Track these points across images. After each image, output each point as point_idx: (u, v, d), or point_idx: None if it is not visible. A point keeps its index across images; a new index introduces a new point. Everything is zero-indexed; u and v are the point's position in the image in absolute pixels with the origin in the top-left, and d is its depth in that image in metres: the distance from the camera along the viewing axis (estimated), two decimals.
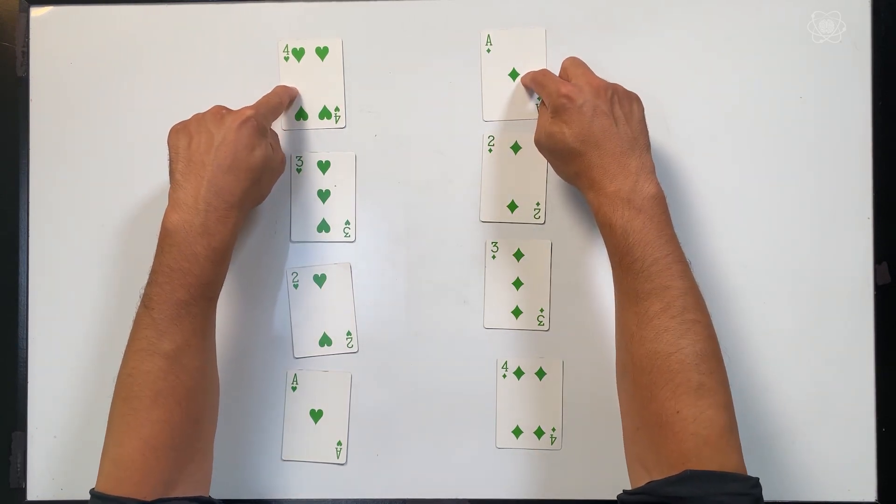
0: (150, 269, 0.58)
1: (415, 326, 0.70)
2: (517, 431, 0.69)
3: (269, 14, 0.71)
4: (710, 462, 0.52)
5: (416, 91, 0.71)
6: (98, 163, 0.71)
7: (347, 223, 0.71)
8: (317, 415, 0.70)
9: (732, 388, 0.56)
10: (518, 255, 0.70)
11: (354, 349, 0.70)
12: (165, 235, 0.58)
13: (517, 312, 0.70)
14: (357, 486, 0.70)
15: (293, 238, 0.71)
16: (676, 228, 0.59)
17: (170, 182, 0.60)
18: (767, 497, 0.52)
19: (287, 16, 0.71)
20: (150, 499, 0.54)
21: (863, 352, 0.69)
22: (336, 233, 0.71)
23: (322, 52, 0.71)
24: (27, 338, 0.71)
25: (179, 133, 0.60)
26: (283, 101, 0.68)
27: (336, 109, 0.71)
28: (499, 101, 0.70)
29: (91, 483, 0.56)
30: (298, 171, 0.71)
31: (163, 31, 0.71)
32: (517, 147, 0.70)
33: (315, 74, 0.71)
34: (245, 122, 0.60)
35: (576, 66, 0.64)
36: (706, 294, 0.58)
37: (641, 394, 0.55)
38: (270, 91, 0.68)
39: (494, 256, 0.70)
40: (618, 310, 0.60)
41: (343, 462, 0.70)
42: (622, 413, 0.60)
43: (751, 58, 0.70)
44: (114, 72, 0.71)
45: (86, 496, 0.55)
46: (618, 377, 0.60)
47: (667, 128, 0.70)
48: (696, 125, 0.70)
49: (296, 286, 0.70)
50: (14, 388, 0.70)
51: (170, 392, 0.56)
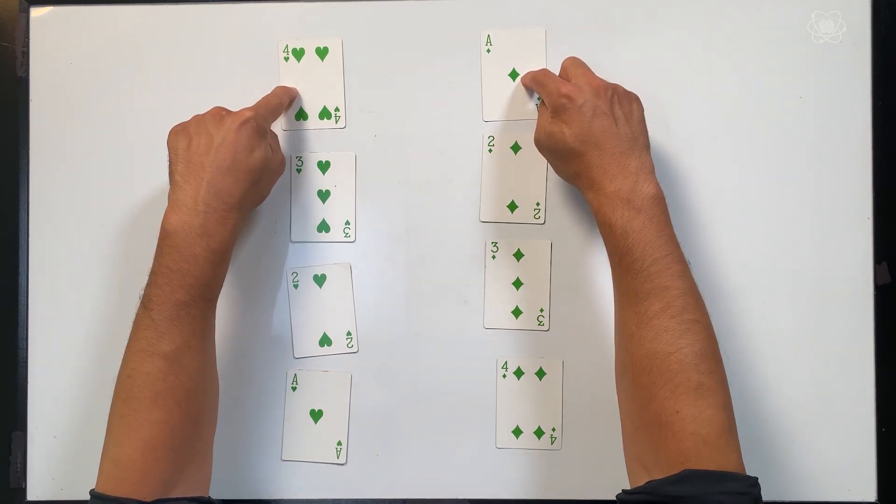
0: (150, 270, 0.58)
1: (415, 326, 0.70)
2: (517, 431, 0.69)
3: (269, 14, 0.71)
4: (710, 462, 0.52)
5: (416, 91, 0.71)
6: (98, 163, 0.71)
7: (347, 223, 0.71)
8: (317, 415, 0.70)
9: (732, 389, 0.56)
10: (518, 255, 0.70)
11: (354, 349, 0.70)
12: (165, 236, 0.58)
13: (517, 312, 0.70)
14: (357, 486, 0.70)
15: (293, 238, 0.71)
16: (676, 228, 0.59)
17: (169, 183, 0.60)
18: (767, 497, 0.52)
19: (287, 16, 0.71)
20: (150, 499, 0.54)
21: (863, 352, 0.69)
22: (336, 233, 0.71)
23: (322, 52, 0.71)
24: (27, 338, 0.71)
25: (179, 134, 0.61)
26: (283, 102, 0.68)
27: (336, 109, 0.71)
28: (499, 101, 0.70)
29: (91, 483, 0.56)
30: (298, 172, 0.71)
31: (163, 31, 0.71)
32: (517, 147, 0.70)
33: (315, 74, 0.71)
34: (244, 124, 0.60)
35: (576, 66, 0.64)
36: (706, 294, 0.58)
37: (641, 394, 0.55)
38: (270, 92, 0.68)
39: (494, 256, 0.70)
40: (617, 310, 0.60)
41: (343, 462, 0.70)
42: (621, 413, 0.60)
43: (751, 58, 0.70)
44: (114, 72, 0.71)
45: (86, 496, 0.55)
46: (617, 377, 0.60)
47: (667, 128, 0.70)
48: (696, 125, 0.70)
49: (296, 286, 0.70)
50: (14, 388, 0.70)
51: (169, 393, 0.56)
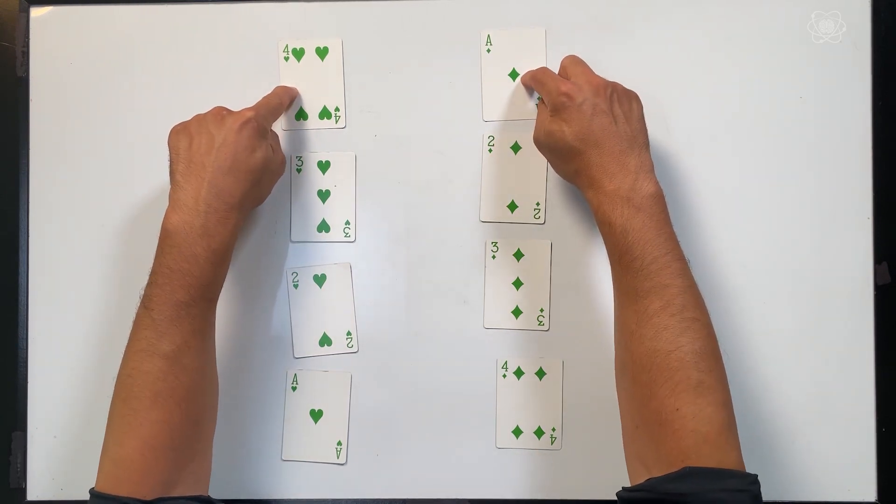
0: (150, 270, 0.58)
1: (415, 326, 0.70)
2: (517, 431, 0.69)
3: (269, 14, 0.71)
4: (710, 459, 0.52)
5: (416, 91, 0.71)
6: (98, 163, 0.71)
7: (347, 223, 0.71)
8: (317, 415, 0.70)
9: (732, 389, 0.56)
10: (518, 255, 0.70)
11: (354, 349, 0.70)
12: (165, 236, 0.58)
13: (517, 312, 0.70)
14: (357, 486, 0.70)
15: (293, 238, 0.71)
16: (676, 228, 0.59)
17: (170, 183, 0.60)
18: (767, 497, 0.52)
19: (287, 16, 0.71)
20: (150, 498, 0.54)
21: (863, 352, 0.69)
22: (336, 233, 0.71)
23: (322, 52, 0.71)
24: (27, 338, 0.71)
25: (180, 134, 0.60)
26: (284, 102, 0.68)
27: (336, 109, 0.71)
28: (499, 101, 0.70)
29: (91, 483, 0.56)
30: (298, 171, 0.71)
31: (162, 32, 0.71)
32: (517, 147, 0.70)
33: (315, 74, 0.71)
34: (246, 124, 0.60)
35: (575, 65, 0.64)
36: (706, 294, 0.58)
37: (641, 392, 0.55)
38: (270, 92, 0.68)
39: (494, 256, 0.70)
40: (617, 308, 0.60)
41: (343, 462, 0.70)
42: (621, 411, 0.60)
43: (751, 58, 0.70)
44: (114, 72, 0.71)
45: (86, 496, 0.55)
46: (617, 375, 0.60)
47: (666, 128, 0.70)
48: (696, 125, 0.70)
49: (296, 286, 0.70)
50: (14, 388, 0.70)
51: (169, 393, 0.56)
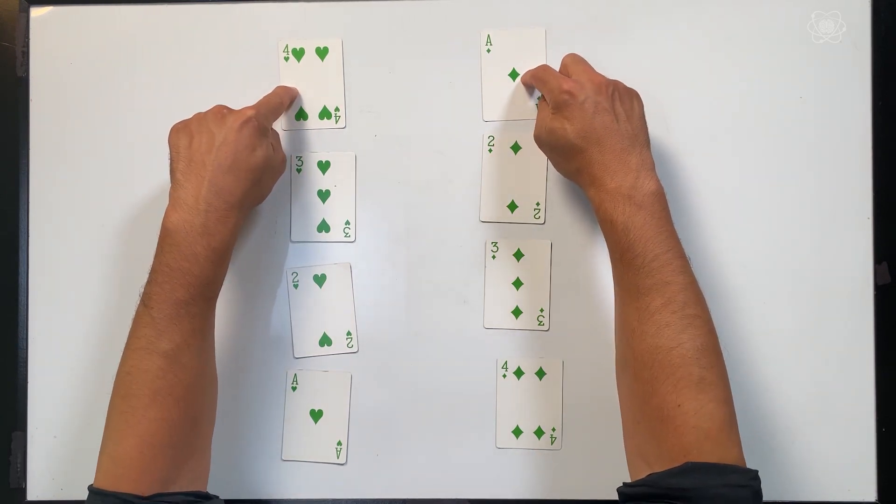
0: (150, 269, 0.58)
1: (415, 326, 0.70)
2: (517, 431, 0.69)
3: (269, 14, 0.71)
4: (711, 455, 0.52)
5: (416, 91, 0.71)
6: (98, 163, 0.71)
7: (347, 223, 0.71)
8: (317, 415, 0.70)
9: (732, 388, 0.56)
10: (518, 255, 0.70)
11: (354, 349, 0.70)
12: (165, 235, 0.58)
13: (517, 312, 0.70)
14: (357, 486, 0.70)
15: (293, 238, 0.71)
16: (676, 227, 0.59)
17: (170, 181, 0.60)
18: (767, 497, 0.52)
19: (287, 16, 0.71)
20: (148, 495, 0.54)
21: (863, 352, 0.69)
22: (336, 233, 0.71)
23: (322, 52, 0.71)
24: (27, 338, 0.71)
25: (180, 132, 0.60)
26: (284, 102, 0.68)
27: (336, 109, 0.71)
28: (499, 101, 0.70)
29: (90, 482, 0.56)
30: (298, 171, 0.71)
31: (163, 31, 0.71)
32: (517, 147, 0.70)
33: (315, 74, 0.71)
34: (246, 123, 0.60)
35: (576, 63, 0.64)
36: (706, 293, 0.58)
37: (643, 388, 0.55)
38: (271, 91, 0.68)
39: (494, 256, 0.70)
40: (618, 305, 0.60)
41: (343, 462, 0.70)
42: (622, 407, 0.60)
43: (751, 58, 0.70)
44: (114, 72, 0.71)
45: (86, 496, 0.55)
46: (618, 372, 0.60)
47: (667, 127, 0.70)
48: (696, 125, 0.70)
49: (296, 286, 0.70)
50: (14, 388, 0.70)
51: (168, 391, 0.56)
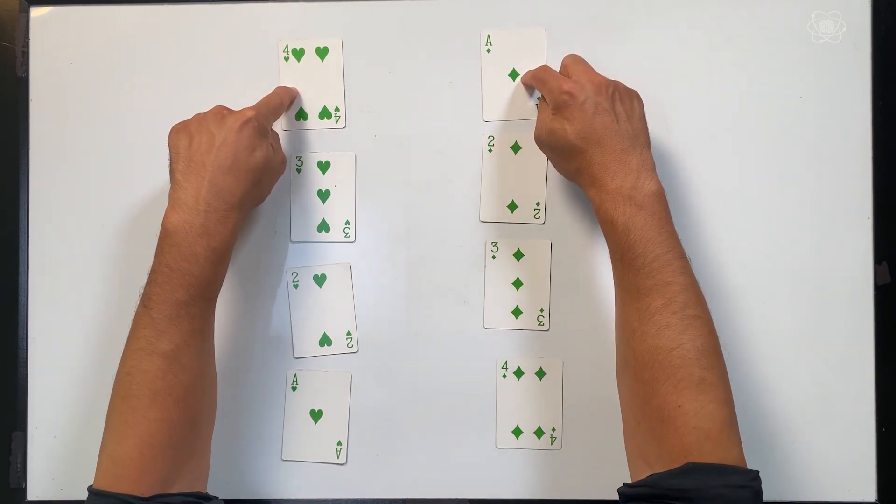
0: (150, 269, 0.58)
1: (415, 326, 0.70)
2: (517, 431, 0.69)
3: (269, 14, 0.71)
4: (711, 456, 0.52)
5: (416, 91, 0.71)
6: (98, 163, 0.71)
7: (347, 223, 0.71)
8: (317, 415, 0.70)
9: (733, 388, 0.56)
10: (518, 255, 0.70)
11: (354, 349, 0.70)
12: (165, 235, 0.58)
13: (517, 312, 0.70)
14: (357, 486, 0.70)
15: (293, 238, 0.71)
16: (676, 228, 0.59)
17: (170, 182, 0.60)
18: (767, 497, 0.52)
19: (287, 16, 0.71)
20: (148, 496, 0.54)
21: (863, 352, 0.69)
22: (336, 233, 0.71)
23: (322, 52, 0.71)
24: (27, 338, 0.71)
25: (180, 133, 0.60)
26: (284, 102, 0.68)
27: (336, 109, 0.71)
28: (499, 101, 0.70)
29: (90, 482, 0.56)
30: (298, 171, 0.71)
31: (163, 31, 0.71)
32: (517, 147, 0.70)
33: (315, 74, 0.71)
34: (246, 123, 0.60)
35: (576, 63, 0.64)
36: (706, 293, 0.58)
37: (643, 389, 0.55)
38: (271, 92, 0.68)
39: (494, 256, 0.70)
40: (618, 306, 0.60)
41: (343, 462, 0.70)
42: (622, 408, 0.60)
43: (751, 58, 0.70)
44: (114, 72, 0.71)
45: (86, 496, 0.55)
46: (618, 373, 0.60)
47: (667, 128, 0.70)
48: (696, 125, 0.70)
49: (296, 286, 0.70)
50: (14, 388, 0.70)
51: (168, 391, 0.56)
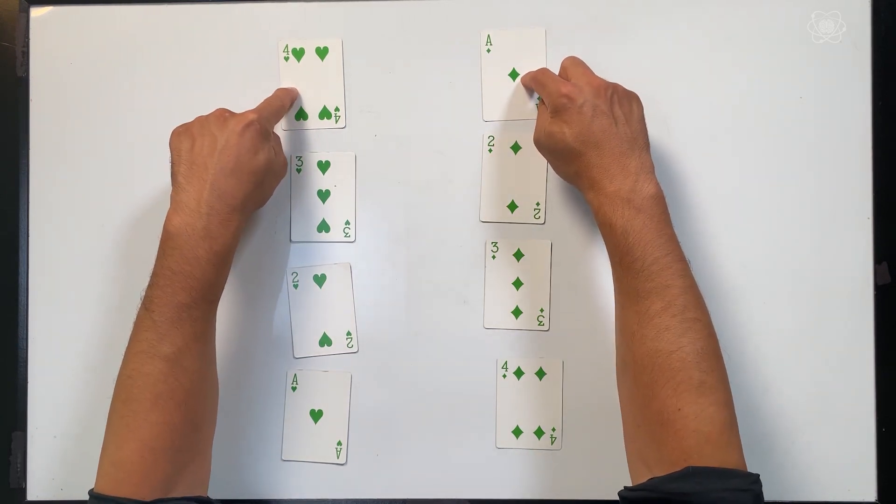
0: (152, 272, 0.58)
1: (415, 326, 0.70)
2: (517, 431, 0.69)
3: (269, 14, 0.71)
4: (711, 459, 0.52)
5: (416, 91, 0.71)
6: (98, 163, 0.71)
7: (347, 223, 0.71)
8: (317, 415, 0.70)
9: (732, 388, 0.56)
10: (518, 255, 0.70)
11: (354, 349, 0.70)
12: (167, 238, 0.58)
13: (517, 312, 0.70)
14: (357, 486, 0.70)
15: (293, 238, 0.71)
16: (676, 228, 0.59)
17: (172, 184, 0.60)
18: (767, 497, 0.52)
19: (287, 16, 0.71)
20: (149, 500, 0.54)
21: (863, 352, 0.69)
22: (336, 233, 0.71)
23: (322, 52, 0.71)
24: (27, 338, 0.71)
25: (182, 135, 0.60)
26: (285, 104, 0.68)
27: (336, 109, 0.71)
28: (499, 101, 0.70)
29: (90, 482, 0.56)
30: (298, 172, 0.71)
31: (163, 31, 0.71)
32: (517, 147, 0.70)
33: (315, 74, 0.71)
34: (248, 126, 0.60)
35: (575, 66, 0.64)
36: (706, 294, 0.58)
37: (643, 392, 0.55)
38: (271, 94, 0.68)
39: (494, 256, 0.70)
40: (618, 309, 0.60)
41: (343, 462, 0.70)
42: (623, 411, 0.60)
43: (751, 58, 0.70)
44: (114, 72, 0.71)
45: (86, 496, 0.55)
46: (618, 376, 0.60)
47: (666, 128, 0.70)
48: (696, 125, 0.70)
49: (296, 286, 0.70)
50: (14, 388, 0.70)
51: (169, 394, 0.56)
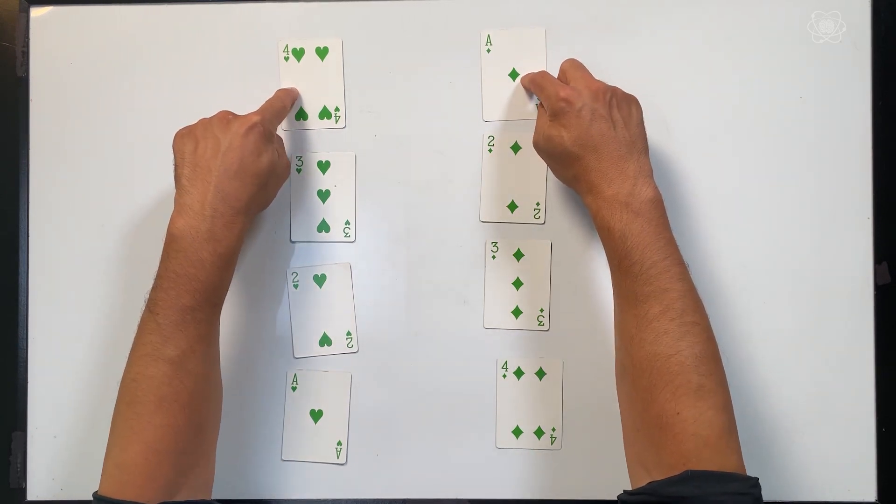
0: (156, 274, 0.58)
1: (415, 326, 0.70)
2: (517, 431, 0.69)
3: (269, 14, 0.71)
4: (710, 463, 0.52)
5: (416, 91, 0.71)
6: (98, 163, 0.71)
7: (347, 223, 0.71)
8: (317, 415, 0.70)
9: (732, 389, 0.56)
10: (518, 255, 0.70)
11: (354, 349, 0.70)
12: (171, 241, 0.57)
13: (517, 312, 0.70)
14: (357, 486, 0.70)
15: (293, 238, 0.71)
16: (676, 229, 0.59)
17: (175, 187, 0.59)
18: (767, 497, 0.52)
19: (287, 16, 0.71)
20: (154, 502, 0.54)
21: (863, 352, 0.69)
22: (336, 233, 0.71)
23: (322, 52, 0.71)
24: (27, 338, 0.71)
25: (185, 138, 0.60)
26: (287, 105, 0.68)
27: (336, 109, 0.71)
28: (499, 101, 0.70)
29: (91, 482, 0.56)
30: (298, 172, 0.71)
31: (163, 31, 0.71)
32: (517, 147, 0.70)
33: (315, 74, 0.71)
34: (252, 128, 0.60)
35: (574, 69, 0.64)
36: (706, 295, 0.58)
37: (641, 396, 0.55)
38: (273, 95, 0.68)
39: (494, 256, 0.70)
40: (617, 312, 0.60)
41: (343, 462, 0.70)
42: (622, 414, 0.60)
43: (751, 58, 0.70)
44: (114, 72, 0.71)
45: (86, 496, 0.55)
46: (617, 379, 0.60)
47: (666, 128, 0.70)
48: (696, 125, 0.70)
49: (296, 286, 0.70)
50: (14, 388, 0.70)
51: (174, 397, 0.56)
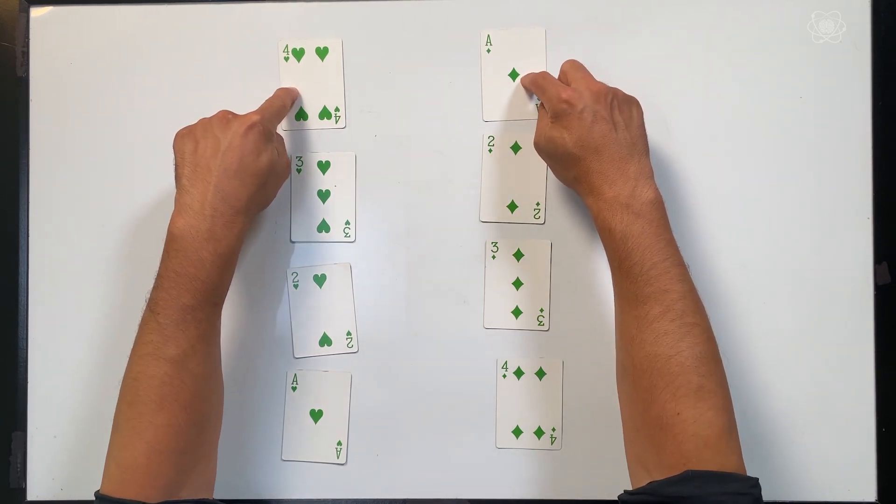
0: (156, 274, 0.58)
1: (415, 326, 0.70)
2: (517, 431, 0.69)
3: (269, 14, 0.71)
4: (710, 463, 0.52)
5: (416, 91, 0.71)
6: (98, 163, 0.71)
7: (347, 223, 0.71)
8: (317, 415, 0.70)
9: (732, 389, 0.56)
10: (518, 255, 0.70)
11: (354, 349, 0.70)
12: (171, 240, 0.58)
13: (517, 312, 0.70)
14: (357, 486, 0.70)
15: (293, 238, 0.71)
16: (676, 229, 0.59)
17: (176, 187, 0.59)
18: (767, 497, 0.52)
19: (287, 16, 0.71)
20: (155, 502, 0.54)
21: (863, 352, 0.69)
22: (336, 233, 0.71)
23: (322, 52, 0.71)
24: (27, 338, 0.71)
25: (185, 138, 0.60)
26: (287, 104, 0.68)
27: (336, 109, 0.71)
28: (499, 101, 0.70)
29: (91, 482, 0.56)
30: (298, 172, 0.71)
31: (163, 31, 0.71)
32: (517, 147, 0.70)
33: (315, 74, 0.71)
34: (252, 128, 0.60)
35: (575, 70, 0.64)
36: (706, 295, 0.58)
37: (642, 396, 0.55)
38: (272, 95, 0.68)
39: (494, 256, 0.70)
40: (617, 313, 0.60)
41: (343, 462, 0.70)
42: (622, 415, 0.60)
43: (751, 58, 0.70)
44: (114, 72, 0.71)
45: (86, 496, 0.55)
46: (618, 379, 0.60)
47: (666, 128, 0.70)
48: (696, 125, 0.70)
49: (296, 286, 0.70)
50: (14, 388, 0.70)
51: (175, 397, 0.56)
